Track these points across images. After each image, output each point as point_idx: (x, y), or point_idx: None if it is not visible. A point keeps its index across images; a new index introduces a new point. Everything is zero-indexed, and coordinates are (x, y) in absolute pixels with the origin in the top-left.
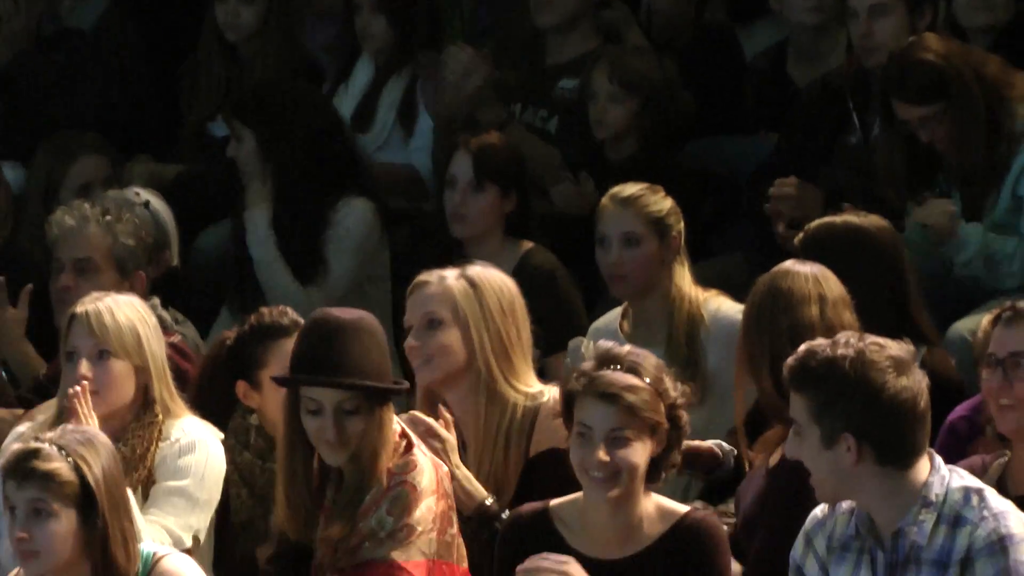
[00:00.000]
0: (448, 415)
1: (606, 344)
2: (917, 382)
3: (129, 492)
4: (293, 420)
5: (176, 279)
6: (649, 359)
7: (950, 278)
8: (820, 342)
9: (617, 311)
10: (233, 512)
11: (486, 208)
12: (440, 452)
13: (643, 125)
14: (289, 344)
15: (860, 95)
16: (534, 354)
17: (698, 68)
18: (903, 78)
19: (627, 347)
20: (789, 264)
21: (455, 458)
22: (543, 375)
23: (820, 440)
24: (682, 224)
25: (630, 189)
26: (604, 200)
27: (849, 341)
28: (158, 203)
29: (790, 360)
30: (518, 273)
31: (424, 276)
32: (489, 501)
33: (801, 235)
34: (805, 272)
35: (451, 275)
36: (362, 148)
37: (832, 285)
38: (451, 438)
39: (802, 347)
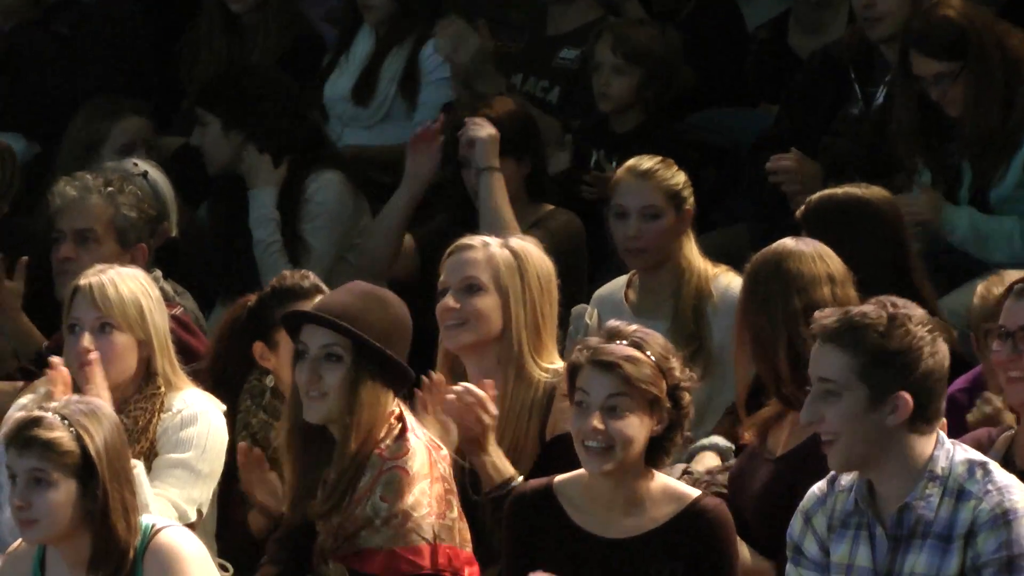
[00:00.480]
0: (492, 390)
1: (616, 322)
2: (944, 346)
3: (140, 466)
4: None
5: (176, 251)
6: (657, 338)
7: (937, 254)
8: (857, 306)
9: (622, 280)
10: (240, 480)
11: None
12: (483, 430)
13: (646, 97)
14: (307, 306)
15: (862, 66)
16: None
17: (699, 39)
18: (926, 31)
19: (635, 326)
20: (790, 244)
21: (492, 437)
22: None
23: (867, 399)
24: (693, 198)
25: (648, 163)
26: (621, 173)
27: (887, 303)
28: (156, 174)
29: (828, 320)
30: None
31: (467, 240)
32: (519, 480)
33: (803, 207)
34: (810, 252)
35: (494, 243)
36: (362, 121)
37: (836, 263)
38: (494, 417)
39: (834, 309)
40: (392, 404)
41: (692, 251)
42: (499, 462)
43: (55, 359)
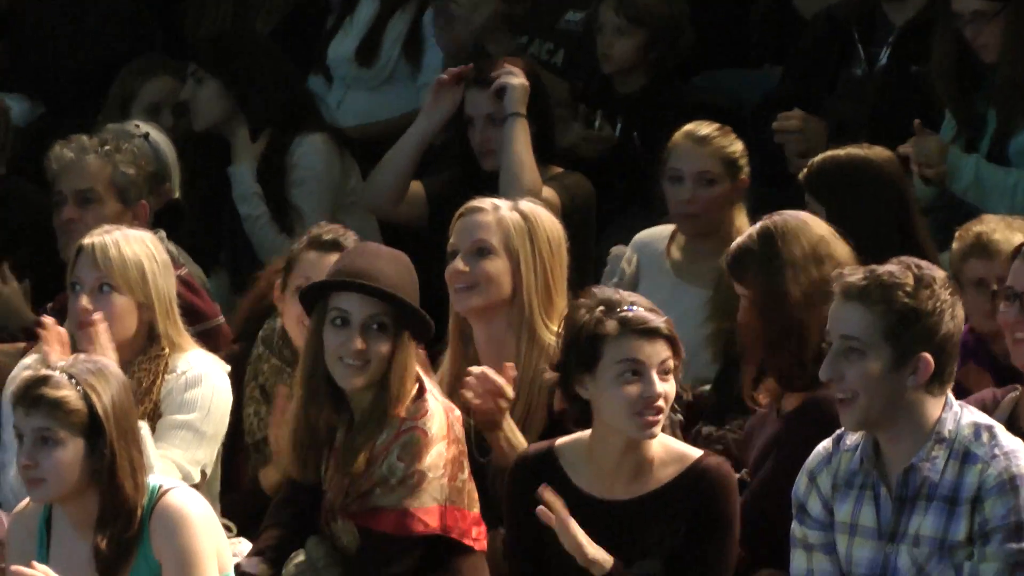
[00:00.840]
0: (512, 372)
1: (606, 291)
2: (962, 310)
3: (145, 426)
4: (315, 339)
5: (179, 212)
6: (643, 298)
7: (929, 210)
8: (880, 266)
9: (665, 231)
10: (247, 433)
11: None
12: (500, 412)
13: (650, 58)
14: (319, 257)
15: (865, 27)
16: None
17: (703, 1)
18: None
19: (623, 291)
20: (795, 226)
21: (507, 415)
22: None
23: (890, 359)
24: (748, 166)
25: (706, 128)
26: (678, 137)
27: (910, 263)
28: (158, 135)
29: (854, 278)
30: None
31: (477, 202)
32: None
33: (805, 170)
34: (821, 233)
35: (505, 206)
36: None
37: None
38: (512, 396)
39: (856, 267)
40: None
41: (743, 222)
42: (513, 437)
43: (46, 318)
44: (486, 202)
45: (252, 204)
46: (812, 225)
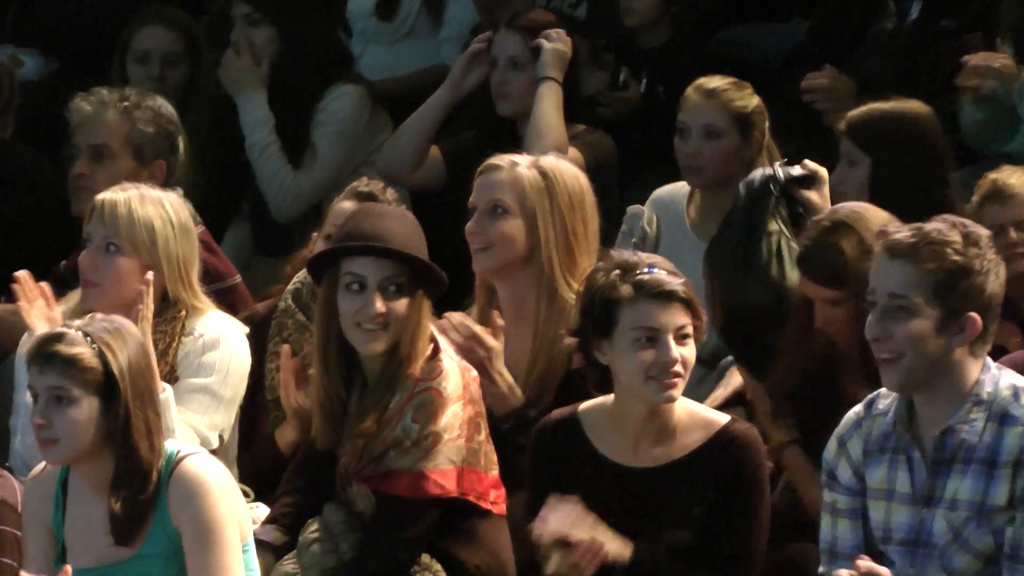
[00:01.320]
0: (499, 321)
1: (622, 252)
2: (1004, 269)
3: (169, 390)
4: (329, 306)
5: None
6: (664, 260)
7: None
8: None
9: (684, 187)
10: (268, 389)
11: (527, 86)
12: (484, 360)
13: (673, 12)
14: (353, 208)
15: None
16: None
17: None
18: None
19: (641, 253)
20: (867, 218)
21: (499, 364)
22: None
23: (939, 318)
24: (767, 124)
25: (716, 82)
26: (689, 91)
27: (955, 221)
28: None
29: (901, 235)
30: None
31: (495, 160)
32: (526, 410)
33: (846, 121)
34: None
35: (523, 163)
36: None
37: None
38: (498, 346)
39: (901, 224)
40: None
41: None
42: (506, 392)
43: (21, 273)
44: (504, 159)
45: (264, 131)
46: (873, 214)
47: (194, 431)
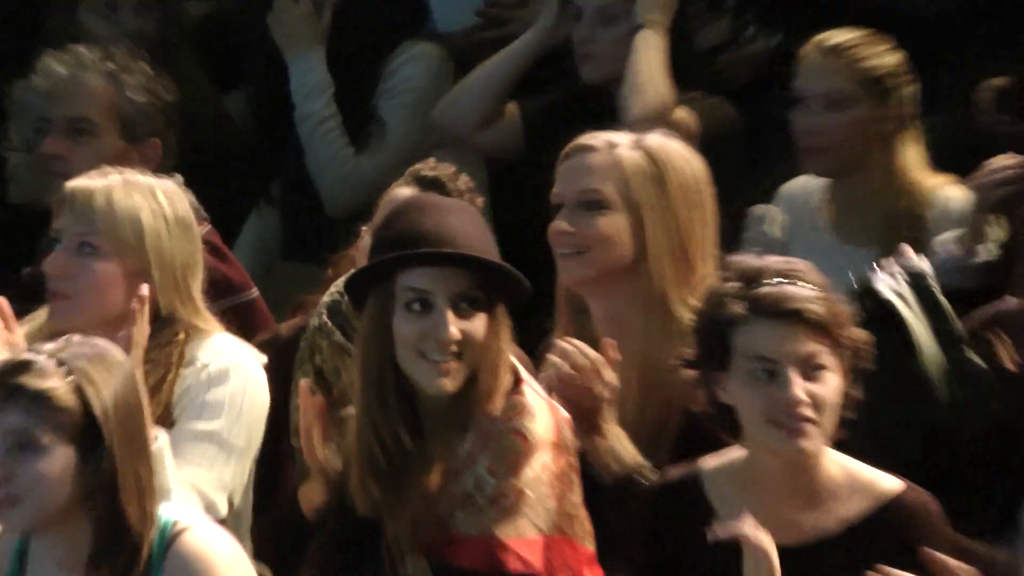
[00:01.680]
0: (614, 353)
1: (747, 258)
2: None
3: (164, 437)
4: (381, 331)
5: None
6: (811, 267)
7: None
8: None
9: (819, 182)
10: (294, 434)
11: (621, 45)
12: (598, 404)
13: None
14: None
15: None
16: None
17: None
18: None
19: (774, 256)
20: None
21: (611, 414)
22: None
23: None
24: (911, 88)
25: (841, 36)
26: (807, 49)
27: None
28: None
29: None
30: None
31: (587, 139)
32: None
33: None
34: None
35: (624, 142)
36: None
37: None
38: (617, 383)
39: None
40: None
41: (907, 158)
42: (621, 448)
43: None
44: (599, 138)
45: (322, 100)
46: None
47: (197, 492)
